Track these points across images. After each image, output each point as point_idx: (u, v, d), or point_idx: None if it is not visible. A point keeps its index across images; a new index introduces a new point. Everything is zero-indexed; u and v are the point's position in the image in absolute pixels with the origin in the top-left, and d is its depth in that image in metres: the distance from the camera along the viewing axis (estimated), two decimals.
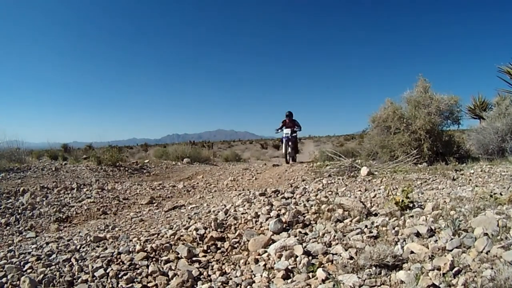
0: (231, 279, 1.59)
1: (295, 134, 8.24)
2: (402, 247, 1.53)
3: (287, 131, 8.06)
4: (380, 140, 5.50)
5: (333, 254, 1.65)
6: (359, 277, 1.34)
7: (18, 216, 3.28)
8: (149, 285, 1.60)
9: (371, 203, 2.56)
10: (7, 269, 1.70)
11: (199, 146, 15.15)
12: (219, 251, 1.95)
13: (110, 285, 1.58)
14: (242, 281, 1.55)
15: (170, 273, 1.69)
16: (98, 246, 2.08)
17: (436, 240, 1.53)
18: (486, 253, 1.33)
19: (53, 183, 4.61)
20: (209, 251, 1.96)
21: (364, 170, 3.94)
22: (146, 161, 7.52)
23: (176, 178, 5.90)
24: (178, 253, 1.88)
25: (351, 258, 1.56)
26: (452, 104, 5.40)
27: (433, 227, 1.67)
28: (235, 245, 1.99)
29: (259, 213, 2.38)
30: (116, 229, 2.55)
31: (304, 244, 1.77)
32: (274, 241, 1.88)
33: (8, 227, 3.01)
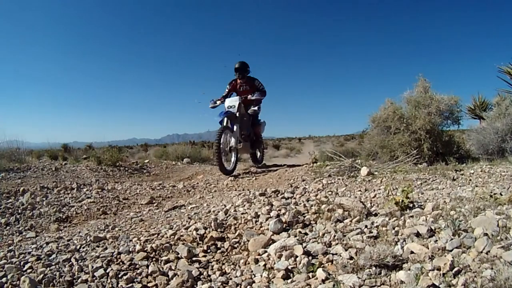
0: (231, 279, 1.59)
1: (253, 110, 4.41)
2: (402, 247, 1.53)
3: (231, 101, 4.26)
4: (380, 140, 5.50)
5: (333, 254, 1.65)
6: (359, 277, 1.34)
7: (18, 216, 3.27)
8: (149, 285, 1.60)
9: (371, 203, 2.56)
10: (7, 269, 1.70)
11: (199, 146, 15.17)
12: (219, 251, 1.95)
13: (110, 285, 1.58)
14: (242, 281, 1.55)
15: (170, 273, 1.68)
16: (98, 246, 2.08)
17: (436, 240, 1.53)
18: (486, 253, 1.33)
19: (53, 183, 4.60)
20: (209, 251, 1.96)
21: (364, 170, 3.94)
22: (146, 161, 7.51)
23: (176, 178, 5.89)
24: (178, 253, 1.88)
25: (351, 258, 1.56)
26: (452, 104, 5.40)
27: (433, 227, 1.67)
28: (235, 245, 1.99)
29: (259, 213, 2.38)
30: (116, 229, 2.55)
31: (304, 244, 1.77)
32: (274, 241, 1.88)
33: (8, 227, 3.01)
